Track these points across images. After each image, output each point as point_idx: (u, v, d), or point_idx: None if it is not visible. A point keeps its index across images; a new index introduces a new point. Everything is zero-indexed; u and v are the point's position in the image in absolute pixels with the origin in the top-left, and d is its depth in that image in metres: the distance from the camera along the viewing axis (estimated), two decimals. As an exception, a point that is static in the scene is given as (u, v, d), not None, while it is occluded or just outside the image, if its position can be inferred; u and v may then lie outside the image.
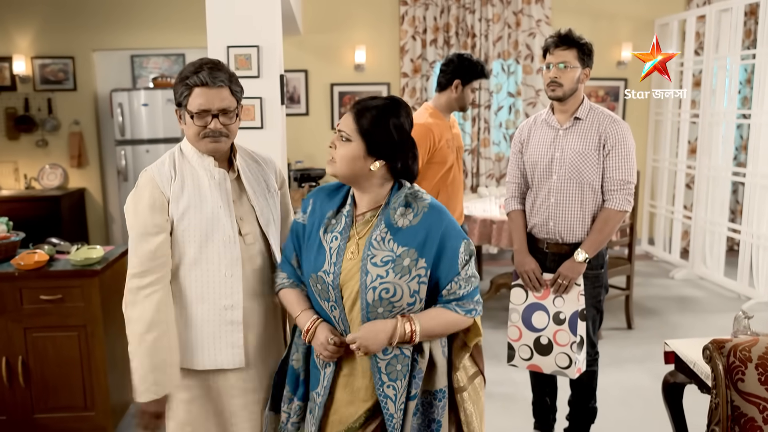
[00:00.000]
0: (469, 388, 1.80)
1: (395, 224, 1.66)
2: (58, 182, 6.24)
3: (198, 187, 1.83)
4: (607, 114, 2.66)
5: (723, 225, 5.69)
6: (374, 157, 1.67)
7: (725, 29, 5.58)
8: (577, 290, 2.63)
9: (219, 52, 3.51)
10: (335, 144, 1.70)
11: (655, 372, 3.71)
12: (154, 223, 1.78)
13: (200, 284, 1.83)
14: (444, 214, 1.69)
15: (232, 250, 1.83)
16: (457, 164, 3.38)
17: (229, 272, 1.83)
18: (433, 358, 1.70)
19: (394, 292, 1.63)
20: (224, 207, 1.83)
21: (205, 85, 1.74)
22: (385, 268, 1.63)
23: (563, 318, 2.64)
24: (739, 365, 1.96)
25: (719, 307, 5.08)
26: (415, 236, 1.65)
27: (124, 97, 5.72)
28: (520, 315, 2.74)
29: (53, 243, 3.28)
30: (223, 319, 1.84)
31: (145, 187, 1.81)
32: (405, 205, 1.69)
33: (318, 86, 6.39)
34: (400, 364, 1.66)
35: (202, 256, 1.82)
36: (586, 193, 2.65)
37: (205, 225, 1.81)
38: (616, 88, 6.57)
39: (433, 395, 1.72)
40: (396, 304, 1.64)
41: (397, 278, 1.62)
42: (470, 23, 6.25)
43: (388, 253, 1.64)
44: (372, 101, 1.69)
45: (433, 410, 1.72)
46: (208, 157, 1.84)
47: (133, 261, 1.79)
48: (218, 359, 1.85)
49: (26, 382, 2.99)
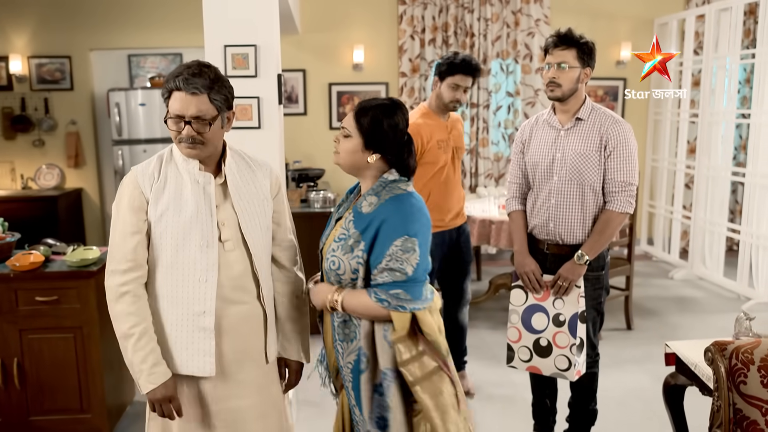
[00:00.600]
0: (424, 383, 1.82)
1: (360, 209, 1.87)
2: (55, 182, 6.21)
3: (179, 189, 1.82)
4: (609, 114, 2.64)
5: (722, 225, 5.68)
6: (371, 151, 1.89)
7: (724, 29, 5.56)
8: (577, 292, 2.61)
9: (216, 52, 3.48)
10: (339, 139, 1.92)
11: (655, 373, 3.70)
12: (132, 222, 1.80)
13: (174, 288, 1.83)
14: (399, 207, 1.82)
15: (208, 255, 1.81)
16: (453, 164, 3.35)
17: (204, 277, 1.81)
18: (374, 337, 1.84)
19: (339, 265, 1.86)
20: (204, 211, 1.82)
21: (180, 90, 1.73)
22: (338, 244, 1.88)
23: (563, 320, 2.62)
24: (741, 367, 1.95)
25: (719, 308, 5.07)
26: (364, 221, 1.84)
27: (121, 96, 5.70)
28: (520, 316, 2.72)
29: (49, 244, 3.25)
30: (195, 325, 1.83)
31: (126, 187, 1.83)
32: (376, 194, 1.87)
33: (316, 86, 6.37)
34: (347, 329, 1.88)
35: (178, 260, 1.81)
36: (586, 194, 2.63)
37: (181, 229, 1.80)
38: (615, 87, 6.55)
39: (383, 374, 1.83)
40: (342, 277, 1.87)
41: (342, 254, 1.86)
42: (469, 23, 6.23)
43: (344, 232, 1.88)
44: (372, 102, 1.91)
45: (382, 388, 1.82)
46: (193, 160, 1.82)
47: (115, 258, 1.81)
48: (190, 366, 1.84)
49: (22, 384, 2.97)
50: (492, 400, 3.51)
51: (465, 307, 3.57)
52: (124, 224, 1.81)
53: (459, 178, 3.48)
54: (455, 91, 3.19)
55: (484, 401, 3.52)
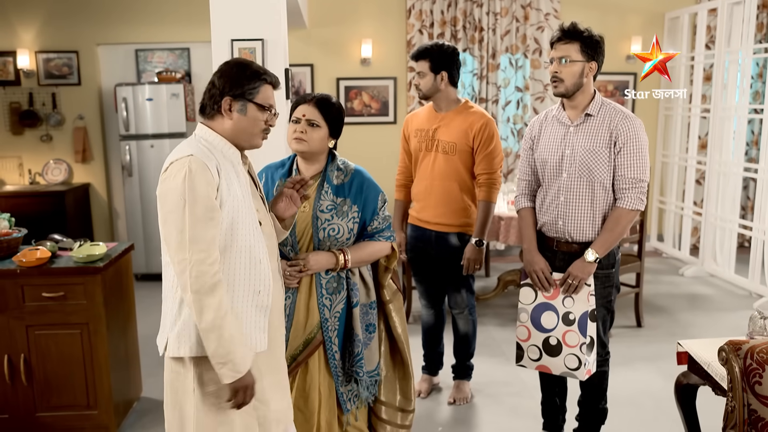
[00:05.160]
0: (394, 301, 2.44)
1: (333, 182, 2.30)
2: (63, 177, 6.21)
3: (231, 175, 1.83)
4: (619, 110, 2.59)
5: (734, 221, 5.62)
6: (332, 137, 2.31)
7: (737, 22, 5.49)
8: (587, 291, 2.57)
9: (223, 46, 3.47)
10: (306, 130, 2.24)
11: (666, 371, 3.66)
12: (215, 206, 1.74)
13: (240, 270, 1.84)
14: (364, 174, 2.36)
15: (258, 236, 1.87)
16: (436, 158, 3.17)
17: (257, 258, 1.86)
18: (363, 277, 2.36)
19: (339, 230, 2.26)
20: (248, 197, 1.87)
21: (273, 84, 1.90)
22: (331, 213, 2.26)
23: (573, 318, 2.58)
24: (756, 368, 1.91)
25: (730, 305, 5.02)
26: (347, 189, 2.29)
27: (129, 91, 5.68)
28: (529, 315, 2.68)
29: (55, 239, 3.25)
30: (254, 304, 1.86)
31: (201, 172, 1.73)
32: (338, 169, 2.32)
33: (324, 80, 6.34)
34: (335, 282, 2.29)
35: (237, 242, 1.82)
36: (596, 191, 2.59)
37: (236, 214, 1.81)
38: (625, 82, 6.48)
39: (369, 306, 2.37)
40: (339, 240, 2.27)
41: (339, 219, 2.26)
42: (478, 17, 6.18)
43: (330, 203, 2.27)
44: (327, 96, 2.30)
45: (369, 317, 2.37)
46: (237, 150, 1.89)
47: (199, 246, 1.71)
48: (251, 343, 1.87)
49: (28, 380, 2.96)
50: (501, 398, 3.49)
51: (461, 314, 3.43)
52: (206, 210, 1.72)
53: (456, 179, 3.17)
54: (418, 77, 3.20)
55: (492, 399, 3.49)
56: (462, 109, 3.20)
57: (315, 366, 2.31)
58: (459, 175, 3.18)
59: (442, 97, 3.20)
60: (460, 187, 3.19)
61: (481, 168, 3.15)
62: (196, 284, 1.71)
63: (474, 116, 3.16)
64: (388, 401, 2.50)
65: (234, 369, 1.75)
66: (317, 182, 2.30)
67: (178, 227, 1.72)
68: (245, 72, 1.84)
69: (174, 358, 1.86)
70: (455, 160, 3.16)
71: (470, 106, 3.22)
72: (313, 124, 2.24)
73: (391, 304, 2.44)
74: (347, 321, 2.32)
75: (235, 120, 1.85)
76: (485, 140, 3.12)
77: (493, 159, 3.14)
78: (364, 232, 2.34)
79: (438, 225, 3.22)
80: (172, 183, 1.74)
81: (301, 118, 2.26)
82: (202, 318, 1.72)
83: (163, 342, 1.88)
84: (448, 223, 3.21)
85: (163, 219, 1.76)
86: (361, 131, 6.32)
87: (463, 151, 3.15)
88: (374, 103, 6.40)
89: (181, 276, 1.73)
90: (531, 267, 2.68)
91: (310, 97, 2.29)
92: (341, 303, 2.30)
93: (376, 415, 2.50)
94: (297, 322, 2.29)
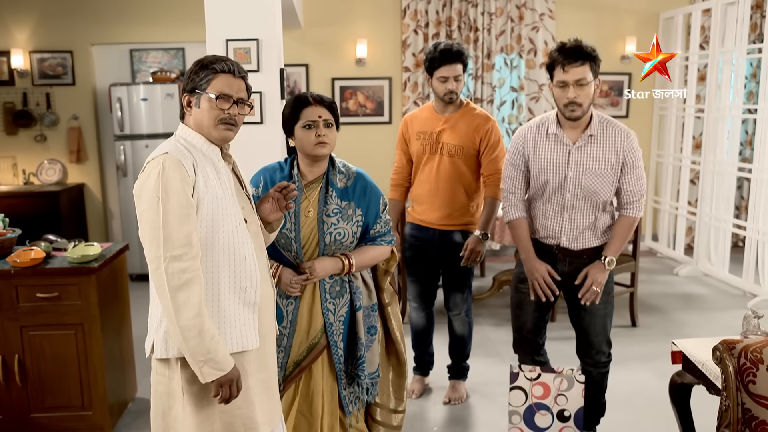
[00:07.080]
0: (393, 304, 2.47)
1: (337, 185, 2.27)
2: (57, 178, 6.19)
3: (210, 172, 1.82)
4: (619, 128, 2.57)
5: (728, 221, 5.64)
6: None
7: (731, 23, 5.51)
8: (581, 388, 2.65)
9: (218, 46, 3.46)
10: (324, 132, 2.20)
11: (660, 371, 3.67)
12: (189, 203, 1.73)
13: (221, 266, 1.81)
14: (366, 177, 2.34)
15: (243, 234, 1.86)
16: (441, 161, 3.16)
17: (242, 255, 1.84)
18: (365, 280, 2.37)
19: (344, 234, 2.25)
20: (229, 194, 1.86)
21: (231, 72, 1.84)
22: (336, 217, 2.24)
23: (568, 415, 2.66)
24: (750, 367, 1.92)
25: (724, 305, 5.03)
26: (351, 193, 2.28)
27: (123, 91, 5.66)
28: (521, 417, 2.73)
29: (50, 240, 3.23)
30: (241, 301, 1.85)
31: (175, 169, 1.73)
32: (340, 172, 2.30)
33: (319, 81, 6.33)
34: (338, 286, 2.29)
35: (219, 239, 1.80)
36: (600, 210, 2.63)
37: (215, 211, 1.80)
38: (620, 82, 6.50)
39: (370, 308, 2.38)
40: (344, 244, 2.27)
41: (345, 224, 2.25)
42: (473, 17, 6.19)
43: (335, 206, 2.24)
44: (323, 96, 2.25)
45: (371, 319, 2.37)
46: (216, 147, 1.88)
47: (174, 243, 1.68)
48: (243, 341, 1.86)
49: (23, 381, 2.95)
50: (496, 397, 3.49)
51: (457, 317, 3.43)
52: (180, 206, 1.71)
53: (461, 182, 3.17)
54: (445, 84, 3.10)
55: (488, 399, 3.49)
56: (465, 111, 3.19)
57: (318, 371, 2.31)
58: (464, 177, 3.18)
59: None
60: (465, 189, 3.20)
61: (489, 169, 3.16)
62: (172, 281, 1.68)
63: (479, 119, 3.16)
64: (383, 403, 2.51)
65: (216, 367, 1.72)
66: (320, 186, 2.27)
67: (153, 224, 1.71)
68: (197, 66, 1.84)
69: (160, 360, 1.83)
70: (460, 163, 3.15)
71: (473, 108, 3.22)
72: (330, 124, 2.23)
73: (389, 307, 2.45)
74: (350, 324, 2.32)
75: (194, 114, 1.86)
76: (492, 144, 3.15)
77: (500, 160, 3.15)
78: (366, 236, 2.33)
79: (442, 225, 3.24)
80: (146, 181, 1.74)
81: (318, 119, 2.20)
82: (180, 315, 1.69)
83: (150, 344, 1.85)
84: (452, 223, 3.23)
85: (139, 217, 1.76)
86: (356, 131, 6.32)
87: (470, 154, 3.15)
88: (369, 103, 6.39)
89: (155, 273, 1.71)
90: (533, 275, 2.67)
91: (317, 97, 2.24)
92: (345, 306, 2.30)
93: (372, 417, 2.50)
94: (300, 327, 2.28)
